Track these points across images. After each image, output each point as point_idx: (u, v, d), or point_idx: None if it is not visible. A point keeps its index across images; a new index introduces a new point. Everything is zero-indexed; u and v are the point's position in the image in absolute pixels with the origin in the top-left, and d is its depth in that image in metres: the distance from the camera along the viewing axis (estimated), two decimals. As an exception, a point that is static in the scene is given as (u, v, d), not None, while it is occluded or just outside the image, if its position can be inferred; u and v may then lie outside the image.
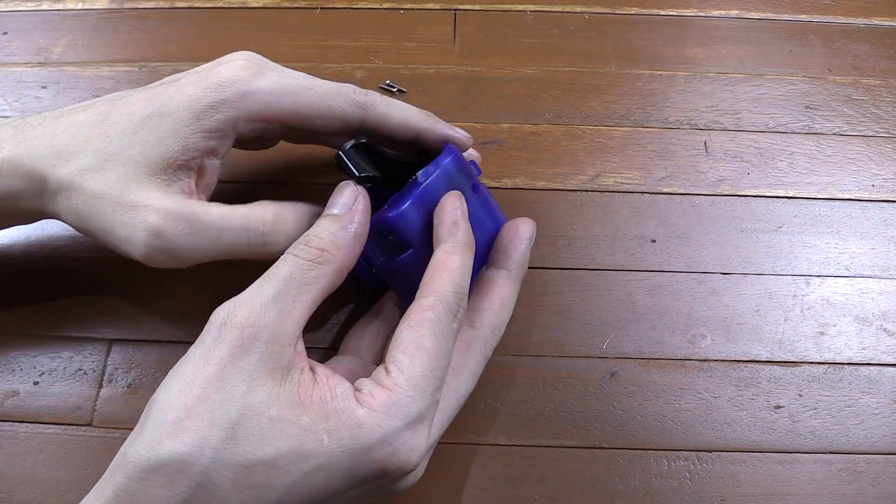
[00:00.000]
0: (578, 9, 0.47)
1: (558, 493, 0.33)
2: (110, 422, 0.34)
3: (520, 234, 0.33)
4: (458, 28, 0.46)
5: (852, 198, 0.40)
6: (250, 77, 0.30)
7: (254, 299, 0.26)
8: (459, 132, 0.33)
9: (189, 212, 0.29)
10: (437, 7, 0.46)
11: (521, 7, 0.47)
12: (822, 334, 0.37)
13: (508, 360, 0.35)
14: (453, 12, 0.46)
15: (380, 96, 0.32)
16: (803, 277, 0.38)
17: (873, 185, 0.41)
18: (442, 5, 0.46)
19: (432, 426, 0.27)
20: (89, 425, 0.34)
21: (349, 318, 0.36)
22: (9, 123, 0.31)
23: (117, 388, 0.34)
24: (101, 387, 0.34)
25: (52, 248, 0.37)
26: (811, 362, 0.36)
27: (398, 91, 0.43)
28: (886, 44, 0.46)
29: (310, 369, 0.26)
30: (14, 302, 0.36)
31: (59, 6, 0.46)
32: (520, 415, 0.34)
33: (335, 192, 0.30)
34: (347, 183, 0.30)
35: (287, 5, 0.46)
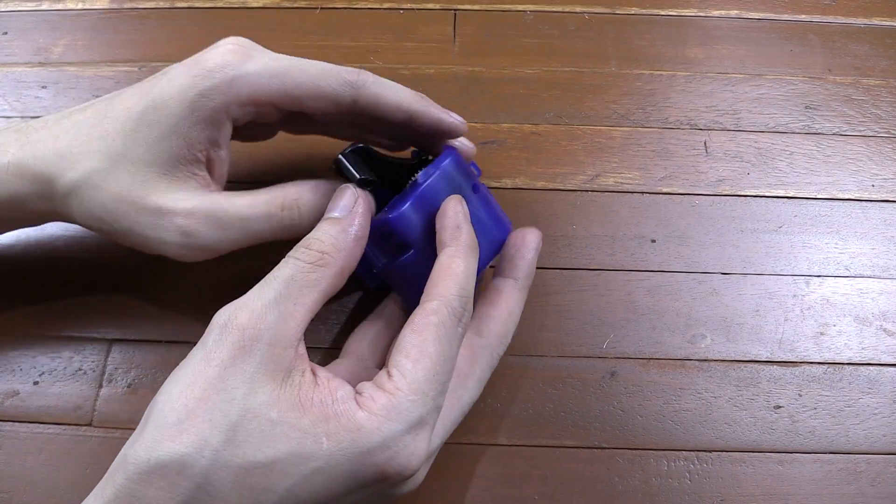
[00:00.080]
0: (578, 9, 0.47)
1: (558, 493, 0.33)
2: (110, 422, 0.34)
3: (527, 244, 0.33)
4: (458, 28, 0.46)
5: (852, 198, 0.40)
6: (238, 61, 0.30)
7: (255, 302, 0.26)
8: (454, 116, 0.33)
9: (216, 207, 0.30)
10: (437, 7, 0.46)
11: (521, 7, 0.47)
12: (821, 334, 0.37)
13: (508, 360, 0.35)
14: (453, 12, 0.46)
15: (372, 76, 0.31)
16: (803, 277, 0.38)
17: (873, 185, 0.41)
18: (442, 5, 0.46)
19: (434, 432, 0.27)
20: (89, 425, 0.34)
21: (350, 319, 0.36)
22: (11, 128, 0.31)
23: (117, 388, 0.35)
24: (101, 387, 0.34)
25: (52, 248, 0.37)
26: (811, 362, 0.36)
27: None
28: (886, 44, 0.46)
29: (311, 372, 0.26)
30: (14, 302, 0.36)
31: (59, 6, 0.46)
32: (520, 415, 0.34)
33: (335, 196, 0.30)
34: (347, 186, 0.30)
35: (287, 5, 0.46)
